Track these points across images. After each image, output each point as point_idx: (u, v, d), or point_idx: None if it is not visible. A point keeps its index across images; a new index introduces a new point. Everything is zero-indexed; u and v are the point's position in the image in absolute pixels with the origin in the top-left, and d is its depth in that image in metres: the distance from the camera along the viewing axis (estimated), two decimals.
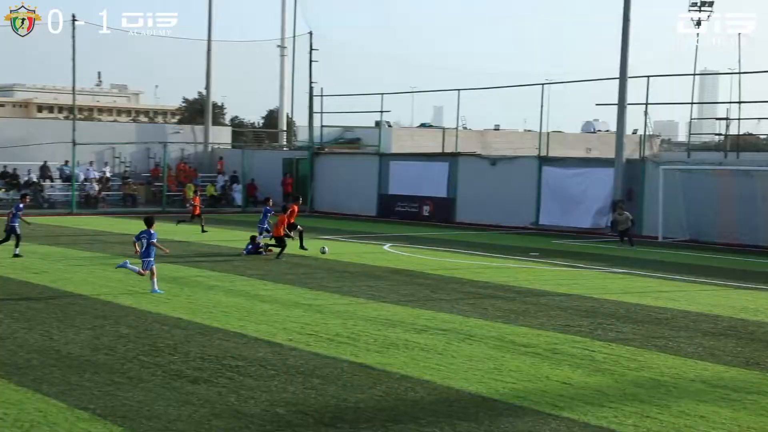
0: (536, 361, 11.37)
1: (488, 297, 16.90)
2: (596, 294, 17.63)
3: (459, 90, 39.94)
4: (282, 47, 54.72)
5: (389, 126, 48.58)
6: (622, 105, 33.11)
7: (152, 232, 16.71)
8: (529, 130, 55.05)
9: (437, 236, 31.01)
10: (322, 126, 44.98)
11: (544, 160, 36.12)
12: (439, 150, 43.45)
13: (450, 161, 39.28)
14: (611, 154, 34.57)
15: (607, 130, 53.61)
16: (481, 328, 13.56)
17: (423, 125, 53.51)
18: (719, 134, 45.02)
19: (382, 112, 42.94)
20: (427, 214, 39.12)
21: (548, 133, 41.29)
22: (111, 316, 13.95)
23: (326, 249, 23.82)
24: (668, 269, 22.49)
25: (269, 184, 45.55)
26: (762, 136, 57.65)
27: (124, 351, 11.49)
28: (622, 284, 19.40)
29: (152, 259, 16.63)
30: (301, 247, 24.09)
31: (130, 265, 16.84)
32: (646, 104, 34.01)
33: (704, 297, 17.67)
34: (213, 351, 11.56)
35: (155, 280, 16.53)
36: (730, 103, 42.11)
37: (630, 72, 33.15)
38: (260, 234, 24.35)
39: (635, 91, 35.02)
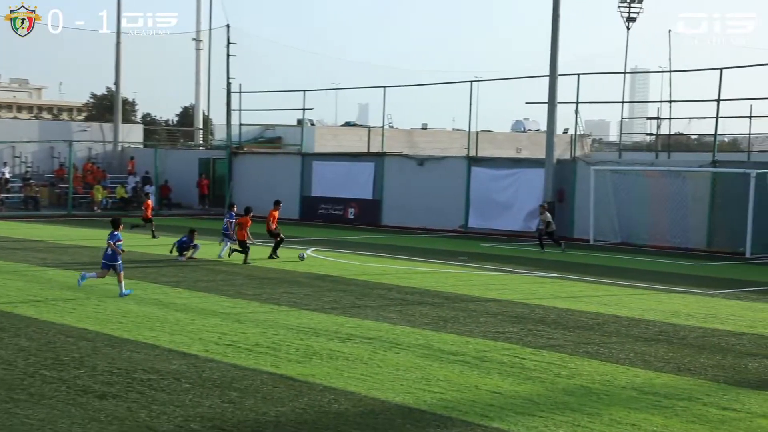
0: (465, 369, 11.46)
1: (415, 303, 16.98)
2: (526, 299, 17.89)
3: (385, 87, 40.10)
4: (197, 40, 54.06)
5: (312, 124, 48.50)
6: (552, 103, 33.71)
7: (116, 233, 16.96)
8: (458, 130, 55.67)
9: (362, 240, 31.05)
10: (240, 124, 44.62)
11: (473, 161, 36.51)
12: (364, 150, 43.54)
13: (375, 161, 39.38)
14: (542, 154, 35.18)
15: (538, 130, 54.61)
16: (408, 335, 13.60)
17: (347, 124, 53.61)
18: (650, 134, 46.27)
19: (304, 109, 42.80)
20: (352, 217, 39.15)
21: (477, 133, 41.81)
22: (10, 328, 13.54)
23: (305, 255, 24.02)
24: (599, 273, 22.96)
25: (184, 186, 44.98)
26: (693, 136, 59.43)
27: (25, 365, 11.16)
28: (553, 289, 19.73)
29: (120, 262, 16.99)
30: (272, 256, 24.15)
31: (88, 274, 17.44)
32: (577, 103, 34.76)
33: (636, 301, 18.10)
34: (122, 364, 11.32)
35: (123, 283, 16.95)
36: (661, 102, 43.24)
37: (561, 70, 33.80)
38: (226, 240, 24.51)
39: (566, 89, 35.77)
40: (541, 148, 36.21)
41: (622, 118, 42.57)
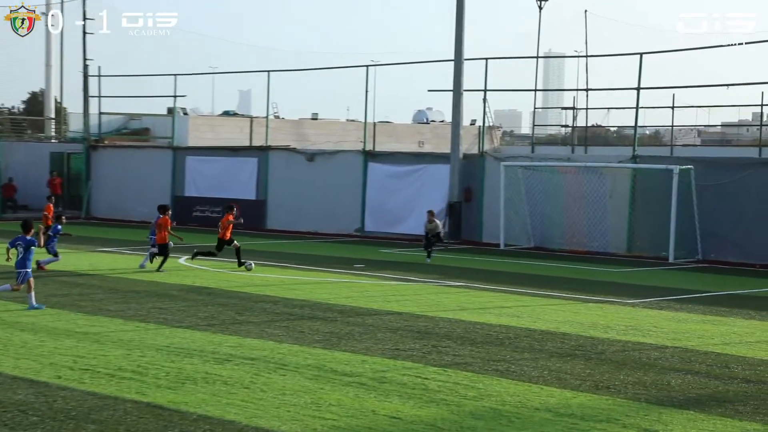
0: (361, 392, 11.48)
1: (305, 318, 16.94)
2: (430, 311, 18.06)
3: (269, 72, 39.94)
4: (46, 14, 52.58)
5: (185, 114, 47.86)
6: (458, 91, 34.17)
7: (30, 238, 17.15)
8: (353, 120, 55.81)
9: (244, 246, 30.72)
10: (100, 113, 43.72)
11: (370, 156, 36.69)
12: (246, 143, 43.26)
13: (259, 156, 39.18)
14: (447, 149, 35.62)
15: (442, 121, 55.22)
16: (296, 355, 13.56)
17: (226, 113, 53.10)
18: (566, 126, 47.38)
19: (175, 96, 42.22)
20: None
21: (375, 124, 42.02)
22: None
23: (251, 264, 24.19)
24: (511, 281, 23.37)
25: (33, 184, 43.68)
26: (612, 129, 61.12)
27: None
28: (460, 299, 19.98)
29: (29, 270, 17.05)
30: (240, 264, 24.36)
31: (1, 287, 17.55)
32: (485, 91, 35.29)
33: (550, 312, 18.50)
34: None
35: (33, 294, 16.94)
36: (577, 90, 44.37)
37: (467, 54, 34.30)
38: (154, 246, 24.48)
39: (473, 75, 36.29)
40: (446, 142, 36.65)
41: (535, 108, 43.40)
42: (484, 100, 35.44)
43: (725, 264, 28.80)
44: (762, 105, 34.18)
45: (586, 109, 40.95)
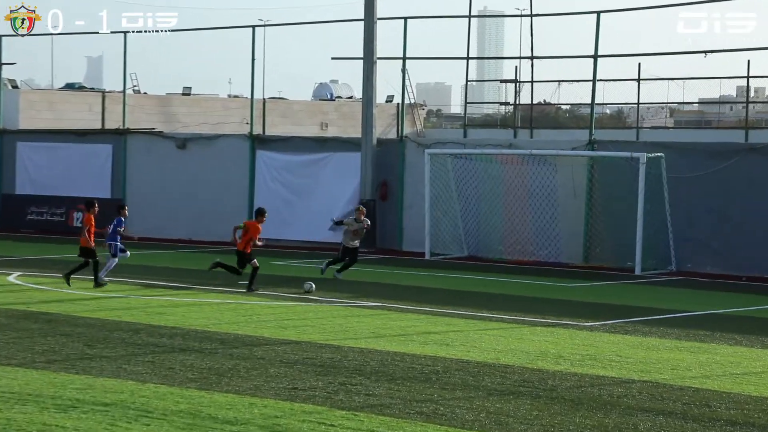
0: None
1: (175, 350, 16.79)
2: (337, 340, 18.04)
3: (125, 33, 39.46)
4: None
5: (14, 87, 46.92)
6: (369, 60, 34.18)
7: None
8: (237, 97, 55.54)
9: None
10: None
11: (259, 141, 36.53)
12: (97, 125, 42.67)
13: (114, 143, 38.74)
14: (357, 133, 35.64)
15: (351, 97, 55.30)
16: (163, 398, 13.42)
17: (70, 86, 52.31)
18: (506, 103, 47.91)
19: (0, 65, 41.44)
20: (79, 225, 38.21)
21: (265, 101, 41.89)
22: None
23: (312, 286, 24.31)
24: (439, 301, 23.47)
25: None
26: (564, 107, 61.81)
27: None
28: (375, 324, 20.00)
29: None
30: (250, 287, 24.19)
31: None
32: (404, 59, 35.39)
33: (488, 339, 18.61)
34: None
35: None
36: (520, 58, 44.74)
37: (381, 12, 34.35)
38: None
39: (389, 39, 36.40)
40: (356, 124, 36.70)
41: (468, 82, 43.79)
42: (404, 70, 35.55)
43: (705, 276, 29.26)
44: (748, 77, 34.96)
45: (531, 82, 41.42)
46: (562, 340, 18.69)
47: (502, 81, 48.96)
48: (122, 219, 25.39)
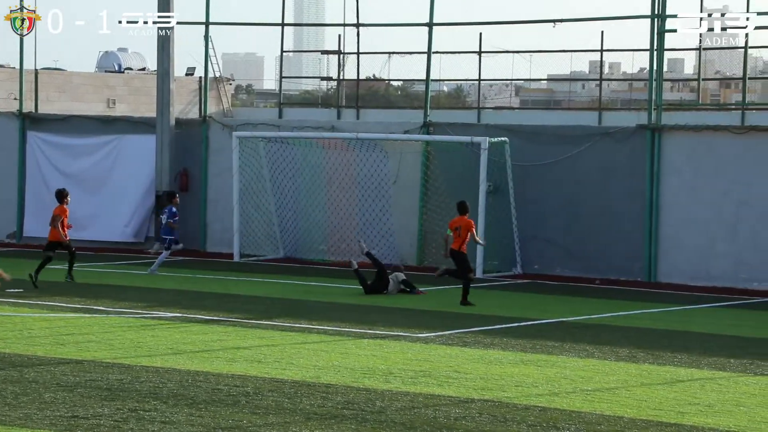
0: None
1: None
2: (128, 358, 17.93)
3: None
4: None
5: None
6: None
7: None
8: (2, 66, 54.34)
9: None
10: None
11: (30, 120, 35.88)
12: None
13: None
14: (151, 112, 35.29)
15: (143, 69, 54.66)
16: None
17: None
18: (328, 78, 47.92)
19: None
20: None
21: (36, 72, 41.06)
22: None
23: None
24: (249, 310, 23.53)
25: None
26: (395, 83, 62.21)
27: None
28: (173, 338, 19.94)
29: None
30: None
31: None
32: (207, 24, 35.14)
33: (308, 354, 18.72)
34: None
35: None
36: (345, 25, 44.73)
37: None
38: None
39: (190, 1, 36.17)
40: (150, 101, 36.32)
41: (283, 52, 43.73)
42: (207, 37, 35.31)
43: (554, 279, 29.92)
44: (602, 50, 35.61)
45: (357, 53, 41.50)
46: (393, 355, 18.89)
47: (323, 52, 48.93)
48: (174, 209, 27.52)
